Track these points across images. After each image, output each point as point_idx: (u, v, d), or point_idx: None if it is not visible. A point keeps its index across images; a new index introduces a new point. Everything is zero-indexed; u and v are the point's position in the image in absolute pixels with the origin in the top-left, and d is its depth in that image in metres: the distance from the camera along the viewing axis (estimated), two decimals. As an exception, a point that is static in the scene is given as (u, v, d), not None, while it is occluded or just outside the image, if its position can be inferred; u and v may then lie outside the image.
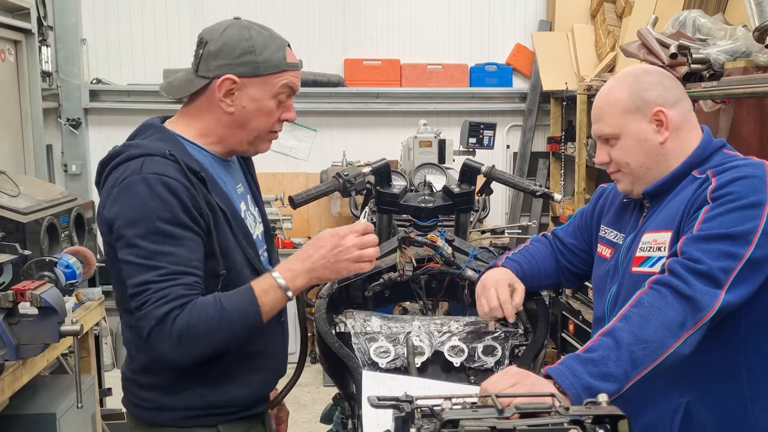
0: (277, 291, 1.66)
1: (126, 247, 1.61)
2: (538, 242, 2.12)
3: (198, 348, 1.61)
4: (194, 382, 1.73)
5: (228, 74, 1.70)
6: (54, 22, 5.60)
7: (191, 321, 1.58)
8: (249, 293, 1.65)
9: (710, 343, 1.59)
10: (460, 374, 2.00)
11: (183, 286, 1.60)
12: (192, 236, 1.64)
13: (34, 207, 3.03)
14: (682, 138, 1.75)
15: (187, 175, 1.65)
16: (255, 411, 1.86)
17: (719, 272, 1.54)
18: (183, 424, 1.76)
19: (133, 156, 1.66)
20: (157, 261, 1.59)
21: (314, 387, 5.09)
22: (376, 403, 1.30)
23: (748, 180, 1.61)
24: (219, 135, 1.78)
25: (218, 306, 1.61)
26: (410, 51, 6.16)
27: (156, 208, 1.60)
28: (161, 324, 1.57)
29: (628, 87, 1.75)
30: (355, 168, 2.28)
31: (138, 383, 1.78)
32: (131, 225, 1.60)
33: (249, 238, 1.79)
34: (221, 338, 1.64)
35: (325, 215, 5.95)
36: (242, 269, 1.75)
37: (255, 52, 1.71)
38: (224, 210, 1.71)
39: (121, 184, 1.63)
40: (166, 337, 1.58)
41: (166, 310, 1.57)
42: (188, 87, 1.76)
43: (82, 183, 5.82)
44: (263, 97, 1.74)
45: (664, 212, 1.73)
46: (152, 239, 1.59)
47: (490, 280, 1.94)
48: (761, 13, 2.89)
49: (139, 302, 1.60)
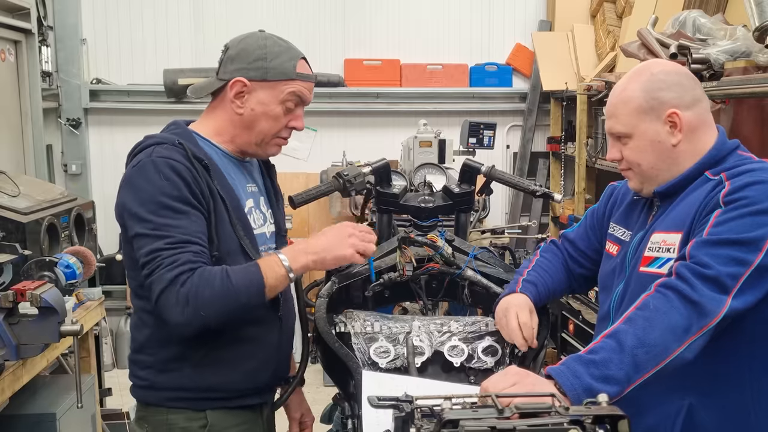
0: (281, 267, 1.76)
1: (138, 222, 1.74)
2: (548, 253, 2.08)
3: (203, 313, 1.69)
4: (184, 363, 1.83)
5: (240, 77, 1.83)
6: (54, 22, 5.60)
7: (199, 285, 1.68)
8: (254, 267, 1.75)
9: (714, 346, 1.58)
10: (460, 374, 2.00)
11: (191, 253, 1.70)
12: (197, 213, 1.76)
13: (34, 207, 3.03)
14: (697, 139, 1.71)
15: (191, 160, 1.78)
16: (249, 402, 1.90)
17: (727, 278, 1.53)
18: (172, 405, 1.85)
19: (147, 145, 1.82)
20: (166, 231, 1.71)
21: (314, 387, 5.09)
22: (376, 403, 1.31)
23: (763, 185, 1.59)
24: (230, 134, 1.90)
25: (224, 275, 1.71)
26: (410, 51, 6.17)
27: (163, 187, 1.73)
28: (171, 286, 1.68)
29: (642, 85, 1.71)
30: (355, 168, 2.27)
31: (136, 363, 1.89)
32: (142, 203, 1.74)
33: (248, 230, 1.87)
34: (225, 306, 1.71)
35: (325, 215, 5.95)
36: (237, 257, 1.82)
37: (267, 59, 1.84)
38: (224, 198, 1.82)
39: (135, 167, 1.79)
40: (174, 299, 1.68)
41: (176, 273, 1.68)
42: (208, 88, 1.91)
43: (82, 183, 5.82)
44: (270, 102, 1.86)
45: (674, 213, 1.71)
46: (161, 213, 1.72)
47: (512, 306, 1.92)
48: (761, 13, 2.89)
49: (150, 269, 1.71)
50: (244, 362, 1.87)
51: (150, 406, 1.87)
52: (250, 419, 1.92)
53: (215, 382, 1.84)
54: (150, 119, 5.61)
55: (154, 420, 1.86)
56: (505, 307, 1.93)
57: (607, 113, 1.79)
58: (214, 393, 1.84)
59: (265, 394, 1.98)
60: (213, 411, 1.85)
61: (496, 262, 2.26)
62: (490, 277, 2.18)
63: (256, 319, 1.84)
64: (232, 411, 1.87)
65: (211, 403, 1.85)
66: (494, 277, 2.18)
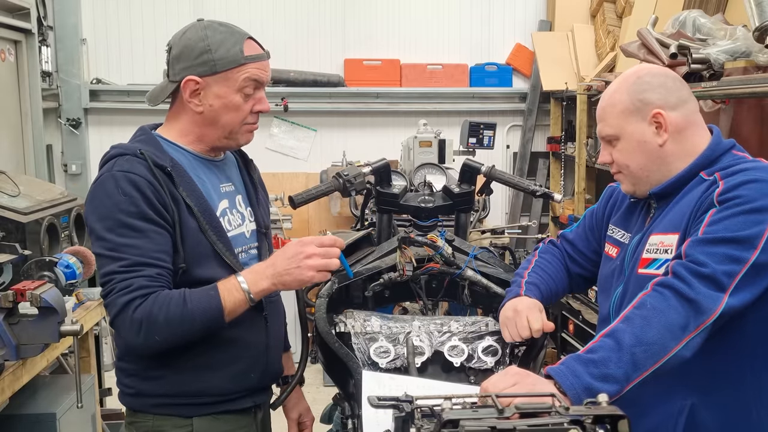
0: (240, 292, 1.71)
1: (96, 240, 1.72)
2: (547, 254, 2.08)
3: (158, 338, 1.68)
4: (167, 370, 1.80)
5: (189, 75, 1.78)
6: (54, 22, 5.61)
7: (152, 311, 1.66)
8: (213, 291, 1.71)
9: (715, 346, 1.58)
10: (460, 374, 2.00)
11: (145, 277, 1.68)
12: (157, 229, 1.72)
13: (34, 207, 3.03)
14: (685, 140, 1.73)
15: (153, 171, 1.73)
16: (237, 407, 1.87)
17: (723, 276, 1.53)
18: (158, 412, 1.83)
19: (111, 156, 1.79)
20: (121, 253, 1.68)
21: (314, 387, 5.09)
22: (376, 403, 1.31)
23: (756, 184, 1.60)
24: (196, 133, 1.86)
25: (181, 300, 1.68)
26: (410, 51, 6.17)
27: (121, 203, 1.70)
28: (123, 312, 1.66)
29: (628, 88, 1.75)
30: (355, 168, 2.27)
31: (122, 370, 1.88)
32: (100, 219, 1.71)
33: (220, 233, 1.82)
34: (181, 330, 1.69)
35: (325, 215, 5.95)
36: (210, 262, 1.79)
37: (211, 50, 1.78)
38: (190, 205, 1.77)
39: (96, 182, 1.76)
40: (128, 325, 1.67)
41: (127, 299, 1.66)
42: (163, 93, 1.86)
43: (82, 183, 5.82)
44: (227, 94, 1.80)
45: (671, 214, 1.72)
46: (118, 232, 1.69)
47: (520, 306, 1.89)
48: (761, 13, 2.89)
49: (106, 291, 1.70)
50: (230, 365, 1.84)
51: (138, 413, 1.85)
52: (242, 424, 1.89)
53: (200, 387, 1.81)
54: (150, 119, 5.60)
55: (141, 426, 1.84)
56: (514, 310, 1.89)
57: (597, 117, 1.82)
58: (200, 398, 1.81)
59: (257, 396, 1.94)
60: (200, 418, 1.82)
61: (496, 262, 2.26)
62: (490, 277, 2.18)
63: (237, 322, 1.77)
64: (221, 416, 1.84)
65: (198, 409, 1.82)
66: (494, 277, 2.18)
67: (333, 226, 5.64)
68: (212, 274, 1.77)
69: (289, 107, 5.51)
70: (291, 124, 6.05)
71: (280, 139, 6.04)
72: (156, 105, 1.89)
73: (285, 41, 5.89)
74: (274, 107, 5.41)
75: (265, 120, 5.69)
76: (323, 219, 5.99)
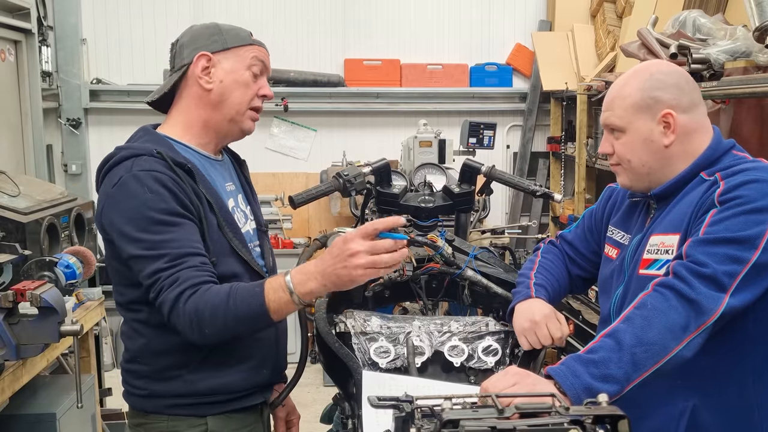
0: (285, 292, 1.65)
1: (131, 243, 1.68)
2: (549, 254, 2.08)
3: (208, 332, 1.65)
4: (181, 369, 1.79)
5: (201, 51, 1.82)
6: (54, 22, 5.60)
7: (199, 305, 1.63)
8: (258, 288, 1.66)
9: (716, 346, 1.58)
10: (460, 374, 2.00)
11: (191, 268, 1.66)
12: (188, 222, 1.72)
13: (34, 207, 3.03)
14: (691, 142, 1.72)
15: (173, 169, 1.73)
16: (249, 403, 1.88)
17: (724, 276, 1.53)
18: (171, 413, 1.81)
19: (123, 158, 1.75)
20: (160, 249, 1.66)
21: (314, 387, 5.09)
22: (376, 403, 1.30)
23: (757, 184, 1.59)
24: (202, 120, 1.86)
25: (226, 296, 1.64)
26: (410, 51, 6.17)
27: (150, 201, 1.68)
28: (175, 306, 1.64)
29: (641, 83, 1.72)
30: (355, 168, 2.27)
31: (131, 372, 1.85)
32: (131, 221, 1.68)
33: (235, 230, 1.84)
34: (226, 327, 1.66)
35: (325, 215, 5.95)
36: (227, 259, 1.79)
37: (221, 32, 1.85)
38: (210, 201, 1.78)
39: (116, 185, 1.71)
40: (182, 319, 1.65)
41: (177, 292, 1.64)
42: (167, 83, 1.88)
43: (82, 183, 5.82)
44: (238, 68, 1.84)
45: (671, 215, 1.71)
46: (152, 230, 1.67)
47: (538, 315, 1.88)
48: (761, 13, 2.89)
49: (156, 291, 1.66)
50: (244, 361, 1.85)
51: (149, 414, 1.83)
52: (251, 421, 1.90)
53: (216, 384, 1.81)
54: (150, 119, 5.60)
55: (155, 428, 1.82)
56: (531, 320, 1.87)
57: (603, 106, 1.80)
58: (215, 396, 1.81)
59: (266, 392, 1.96)
60: (213, 416, 1.81)
61: (496, 262, 2.26)
62: (490, 277, 2.18)
63: None
64: (234, 415, 1.84)
65: (212, 408, 1.81)
66: (494, 277, 2.18)
67: (333, 226, 5.64)
68: (232, 270, 1.79)
69: (289, 107, 5.51)
70: (291, 124, 6.05)
71: (280, 139, 6.04)
72: (158, 96, 1.89)
73: (285, 41, 5.90)
74: (274, 107, 5.42)
75: (265, 120, 5.70)
76: (323, 219, 5.99)
